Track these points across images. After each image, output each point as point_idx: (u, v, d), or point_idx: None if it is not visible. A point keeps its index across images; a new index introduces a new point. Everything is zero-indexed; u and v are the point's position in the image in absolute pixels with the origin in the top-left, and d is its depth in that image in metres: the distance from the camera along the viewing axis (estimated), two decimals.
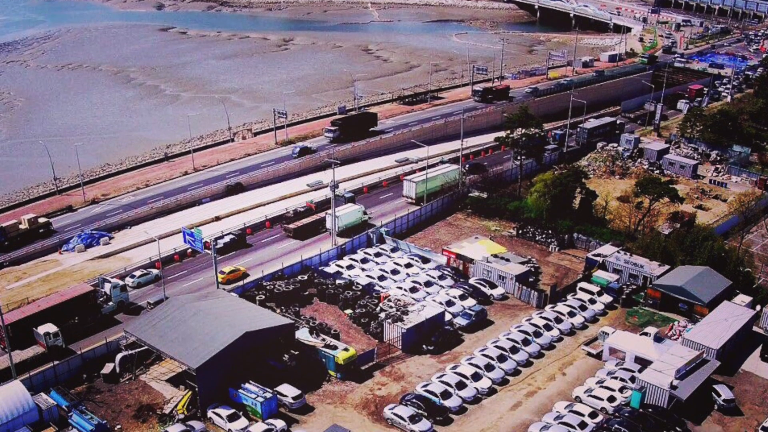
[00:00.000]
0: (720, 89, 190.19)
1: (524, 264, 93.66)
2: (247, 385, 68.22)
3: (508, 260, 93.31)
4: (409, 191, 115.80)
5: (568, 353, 78.33)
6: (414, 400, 68.10)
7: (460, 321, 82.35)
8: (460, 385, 70.45)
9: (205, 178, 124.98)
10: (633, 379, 71.11)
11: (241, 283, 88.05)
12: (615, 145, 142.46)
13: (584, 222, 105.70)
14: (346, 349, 73.86)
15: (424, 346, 77.94)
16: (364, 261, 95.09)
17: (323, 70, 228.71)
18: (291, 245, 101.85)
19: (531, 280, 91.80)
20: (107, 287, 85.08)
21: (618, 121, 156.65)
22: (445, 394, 69.15)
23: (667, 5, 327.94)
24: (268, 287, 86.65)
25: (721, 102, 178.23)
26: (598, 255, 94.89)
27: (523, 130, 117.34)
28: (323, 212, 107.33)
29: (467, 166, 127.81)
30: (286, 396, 68.52)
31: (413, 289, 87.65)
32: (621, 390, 70.09)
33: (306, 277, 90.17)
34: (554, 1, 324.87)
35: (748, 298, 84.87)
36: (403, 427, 65.59)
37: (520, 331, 79.98)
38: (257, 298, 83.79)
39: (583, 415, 66.59)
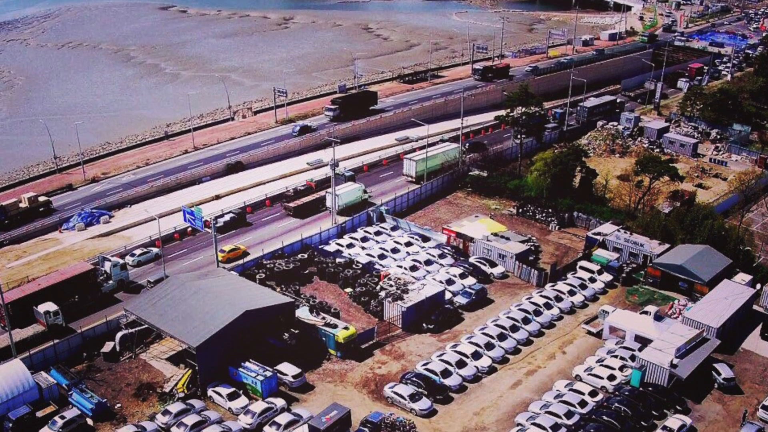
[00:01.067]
0: (720, 68, 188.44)
1: (524, 243, 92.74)
2: (247, 364, 67.58)
3: (508, 239, 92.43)
4: (409, 170, 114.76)
5: (568, 332, 77.65)
6: (414, 379, 67.49)
7: (460, 299, 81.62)
8: (460, 364, 69.81)
9: (205, 157, 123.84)
10: (633, 358, 70.46)
11: (241, 261, 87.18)
12: (615, 123, 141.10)
13: (584, 200, 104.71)
14: (346, 328, 73.15)
15: (424, 325, 77.24)
16: (364, 239, 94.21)
17: (323, 49, 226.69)
18: (291, 224, 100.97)
19: (531, 258, 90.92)
20: (107, 266, 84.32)
21: (618, 100, 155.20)
22: (445, 373, 68.53)
23: None
24: (268, 266, 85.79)
25: (721, 81, 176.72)
26: (598, 233, 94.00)
27: (523, 109, 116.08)
28: (323, 191, 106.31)
29: (467, 144, 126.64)
30: (286, 374, 67.91)
31: (413, 268, 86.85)
32: (621, 369, 69.49)
33: (306, 256, 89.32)
34: None
35: (748, 277, 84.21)
36: (403, 406, 65.05)
37: (520, 309, 79.24)
38: (257, 276, 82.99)
39: (583, 393, 66.04)
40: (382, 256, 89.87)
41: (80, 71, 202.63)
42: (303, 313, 75.26)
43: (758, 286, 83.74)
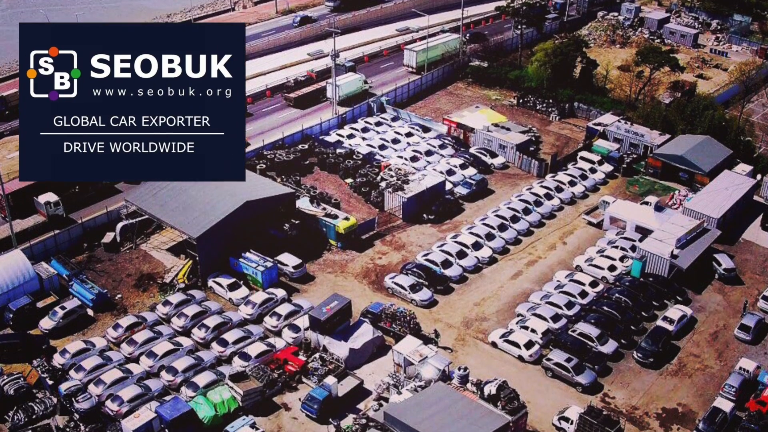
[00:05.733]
0: None
1: (525, 133, 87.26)
2: (247, 254, 63.52)
3: (508, 129, 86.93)
4: (409, 60, 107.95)
5: (569, 222, 73.30)
6: (414, 270, 63.60)
7: (461, 190, 76.93)
8: (461, 255, 65.79)
9: None
10: (633, 249, 66.35)
11: None
12: (616, 14, 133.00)
13: (585, 91, 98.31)
14: (346, 218, 68.81)
15: (424, 215, 72.81)
16: (364, 130, 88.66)
17: None
18: (291, 114, 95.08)
19: (531, 149, 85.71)
20: None
21: None
22: (446, 264, 64.59)
23: None
24: (268, 156, 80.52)
25: None
26: (599, 124, 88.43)
27: None
28: (324, 81, 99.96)
29: (468, 35, 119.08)
30: (286, 265, 64.00)
31: (414, 158, 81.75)
32: (621, 259, 65.54)
33: (306, 147, 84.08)
34: None
35: (748, 167, 79.31)
36: (403, 296, 61.46)
37: (520, 200, 74.62)
38: (258, 167, 77.83)
39: (583, 284, 62.27)
40: (382, 147, 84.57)
41: None
42: (303, 203, 70.69)
43: (758, 176, 78.98)
